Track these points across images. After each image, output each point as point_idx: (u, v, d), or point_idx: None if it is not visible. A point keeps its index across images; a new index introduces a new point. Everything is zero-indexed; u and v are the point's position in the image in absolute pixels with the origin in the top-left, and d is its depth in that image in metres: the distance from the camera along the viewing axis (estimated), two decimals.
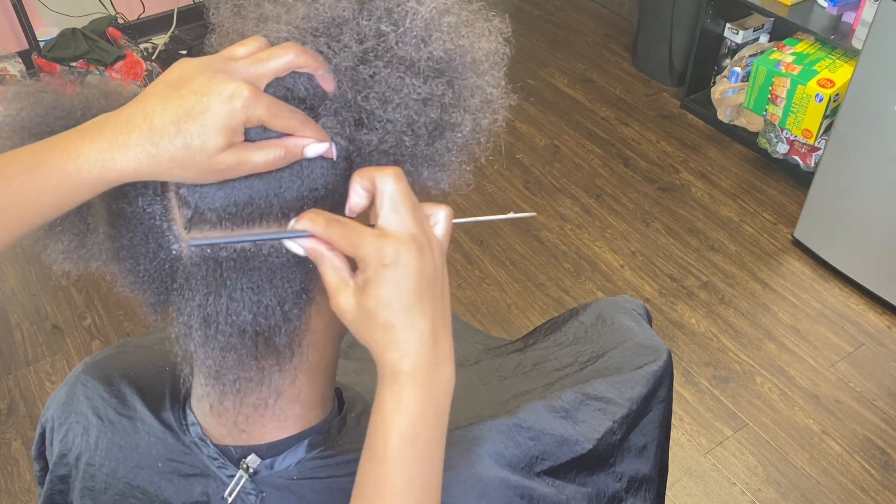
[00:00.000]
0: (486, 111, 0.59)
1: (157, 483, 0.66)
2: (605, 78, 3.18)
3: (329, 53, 0.54)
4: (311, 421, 0.65)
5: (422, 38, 0.54)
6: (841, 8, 2.46)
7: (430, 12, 0.54)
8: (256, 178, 0.53)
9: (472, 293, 2.29)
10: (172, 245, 0.55)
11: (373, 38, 0.54)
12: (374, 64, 0.53)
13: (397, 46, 0.54)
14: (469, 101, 0.57)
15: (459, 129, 0.57)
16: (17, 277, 2.36)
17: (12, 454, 1.90)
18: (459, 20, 0.56)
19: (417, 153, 0.57)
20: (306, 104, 0.54)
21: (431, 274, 0.51)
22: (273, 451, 0.64)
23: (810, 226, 2.36)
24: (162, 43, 3.17)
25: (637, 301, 1.04)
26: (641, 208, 2.58)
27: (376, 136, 0.55)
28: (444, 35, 0.55)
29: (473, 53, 0.56)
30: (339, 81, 0.54)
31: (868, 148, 2.10)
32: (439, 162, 0.59)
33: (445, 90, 0.55)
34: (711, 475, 1.85)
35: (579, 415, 0.78)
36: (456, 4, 0.57)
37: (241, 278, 0.54)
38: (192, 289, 0.55)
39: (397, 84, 0.54)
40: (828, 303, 2.26)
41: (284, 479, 0.64)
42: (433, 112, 0.55)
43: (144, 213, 0.54)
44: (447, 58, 0.55)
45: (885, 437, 1.93)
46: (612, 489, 0.79)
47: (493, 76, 0.58)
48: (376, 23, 0.54)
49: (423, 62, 0.54)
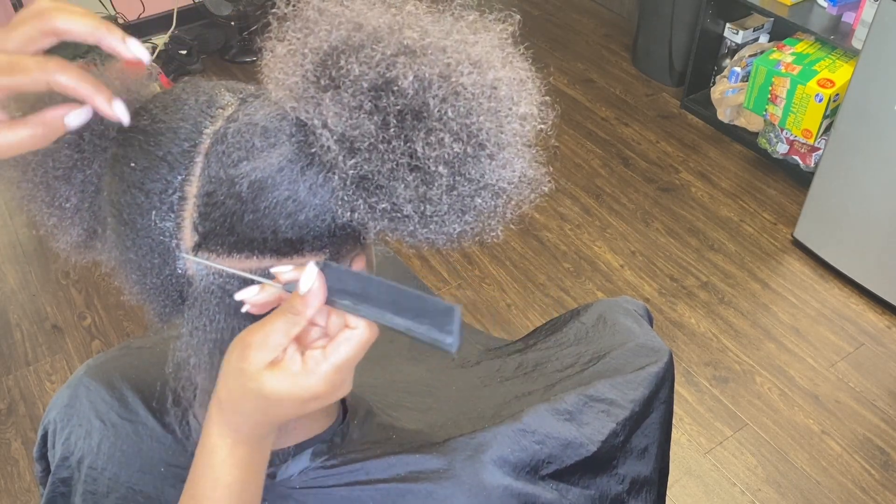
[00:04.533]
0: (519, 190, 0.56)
1: (160, 488, 0.66)
2: (605, 78, 3.18)
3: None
4: (315, 430, 0.65)
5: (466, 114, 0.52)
6: (841, 8, 2.46)
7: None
8: (270, 213, 0.52)
9: (472, 293, 2.29)
10: (178, 264, 0.54)
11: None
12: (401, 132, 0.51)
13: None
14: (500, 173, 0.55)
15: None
16: (17, 277, 2.36)
17: (12, 454, 1.90)
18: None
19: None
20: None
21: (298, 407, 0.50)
22: (277, 460, 0.64)
23: (810, 226, 2.36)
24: (162, 43, 3.17)
25: (638, 302, 1.04)
26: (641, 208, 2.58)
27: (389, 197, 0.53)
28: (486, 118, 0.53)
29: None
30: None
31: (868, 148, 2.10)
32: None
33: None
34: (711, 475, 1.85)
35: (583, 417, 0.78)
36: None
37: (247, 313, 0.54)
38: (201, 314, 0.55)
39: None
40: (827, 303, 2.26)
41: (288, 488, 0.64)
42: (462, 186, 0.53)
43: (155, 228, 0.53)
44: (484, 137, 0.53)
45: (885, 437, 1.93)
46: (614, 491, 0.79)
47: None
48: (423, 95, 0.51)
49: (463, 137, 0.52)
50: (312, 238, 0.53)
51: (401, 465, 0.66)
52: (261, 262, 0.53)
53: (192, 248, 0.53)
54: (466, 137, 0.51)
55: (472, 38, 0.54)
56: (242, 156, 0.52)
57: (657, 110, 3.01)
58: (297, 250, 0.53)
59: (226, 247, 0.53)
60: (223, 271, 0.54)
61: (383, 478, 0.65)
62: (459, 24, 0.55)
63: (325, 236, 0.54)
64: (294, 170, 0.52)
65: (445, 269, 2.36)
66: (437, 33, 0.53)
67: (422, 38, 0.52)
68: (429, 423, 0.74)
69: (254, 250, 0.53)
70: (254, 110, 0.54)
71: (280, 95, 0.53)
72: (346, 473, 0.64)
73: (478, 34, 0.55)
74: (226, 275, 0.54)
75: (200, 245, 0.53)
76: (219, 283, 0.54)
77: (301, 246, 0.53)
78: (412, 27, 0.52)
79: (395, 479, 0.65)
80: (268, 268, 0.53)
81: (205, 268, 0.54)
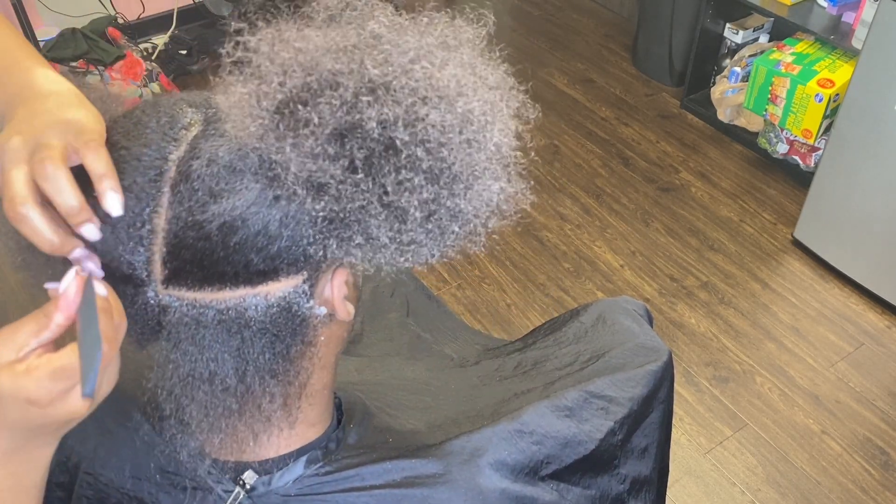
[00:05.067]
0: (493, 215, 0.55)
1: (155, 494, 0.65)
2: (605, 78, 3.18)
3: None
4: (309, 437, 0.64)
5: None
6: (841, 8, 2.46)
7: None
8: (241, 249, 0.51)
9: (472, 293, 2.29)
10: (149, 295, 0.53)
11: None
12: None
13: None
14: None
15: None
16: (17, 277, 2.36)
17: None
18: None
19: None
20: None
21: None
22: (271, 468, 0.63)
23: (810, 226, 2.36)
24: (162, 43, 3.17)
25: (638, 302, 1.03)
26: (641, 208, 2.58)
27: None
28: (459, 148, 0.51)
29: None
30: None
31: (868, 148, 2.10)
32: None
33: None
34: (711, 475, 1.85)
35: (583, 413, 0.78)
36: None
37: (225, 342, 0.53)
38: (175, 346, 0.54)
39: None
40: (828, 303, 2.26)
41: (282, 496, 0.63)
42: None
43: (124, 262, 0.52)
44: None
45: (885, 437, 1.93)
46: (615, 491, 0.79)
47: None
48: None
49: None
50: (287, 265, 0.52)
51: (397, 470, 0.65)
52: (234, 293, 0.52)
53: (161, 281, 0.52)
54: (438, 174, 0.50)
55: (441, 58, 0.52)
56: (208, 198, 0.50)
57: (657, 110, 3.01)
58: (271, 277, 0.53)
59: (196, 281, 0.52)
60: (196, 302, 0.52)
61: (379, 483, 0.64)
62: (427, 39, 0.53)
63: (301, 261, 0.53)
64: (262, 206, 0.51)
65: (445, 269, 2.36)
66: (402, 60, 0.51)
67: (384, 71, 0.50)
68: (427, 423, 0.74)
69: (226, 282, 0.52)
70: (216, 144, 0.52)
71: (241, 136, 0.51)
72: (342, 480, 0.63)
73: (448, 51, 0.53)
74: (199, 306, 0.53)
75: (170, 279, 0.52)
76: (192, 315, 0.53)
77: (276, 273, 0.52)
78: (374, 57, 0.50)
79: (391, 485, 0.64)
80: (242, 296, 0.52)
81: (177, 299, 0.53)
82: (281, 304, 0.54)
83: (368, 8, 0.54)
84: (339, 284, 0.56)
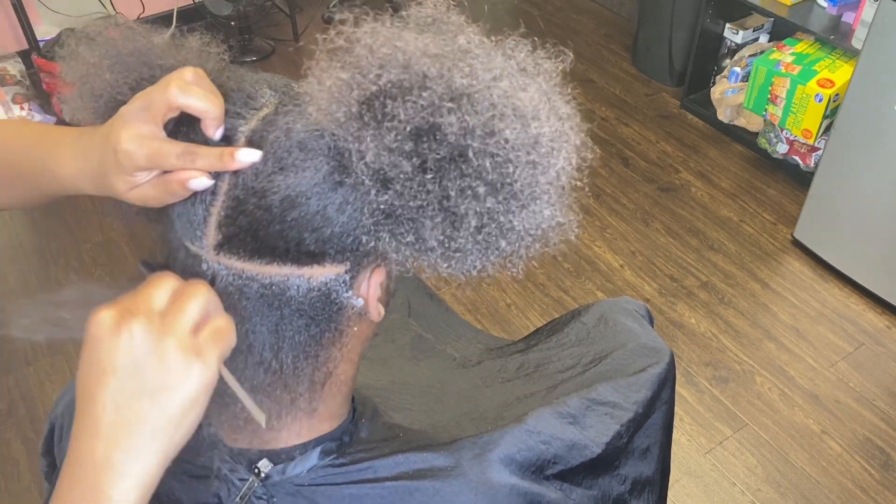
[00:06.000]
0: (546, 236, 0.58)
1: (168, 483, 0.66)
2: (604, 78, 3.18)
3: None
4: (325, 429, 0.65)
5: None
6: (841, 8, 2.46)
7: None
8: (297, 226, 0.53)
9: (472, 293, 2.29)
10: (202, 263, 0.55)
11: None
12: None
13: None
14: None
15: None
16: (17, 277, 2.36)
17: (12, 454, 1.90)
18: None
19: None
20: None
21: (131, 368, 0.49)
22: (285, 457, 0.64)
23: (810, 226, 2.36)
24: None
25: (639, 302, 1.04)
26: (641, 208, 2.58)
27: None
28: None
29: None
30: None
31: (868, 148, 2.10)
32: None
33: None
34: (711, 475, 1.85)
35: (586, 420, 0.79)
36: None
37: (265, 316, 0.55)
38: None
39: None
40: (827, 303, 2.26)
41: (296, 485, 0.64)
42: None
43: (185, 212, 0.55)
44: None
45: (885, 437, 1.93)
46: (616, 492, 0.80)
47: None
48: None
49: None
50: (335, 252, 0.54)
51: (408, 463, 0.66)
52: (280, 269, 0.54)
53: (213, 246, 0.54)
54: (500, 188, 0.52)
55: (521, 83, 0.55)
56: (277, 168, 0.53)
57: (657, 110, 3.01)
58: (317, 261, 0.54)
59: (247, 251, 0.54)
60: (244, 273, 0.54)
61: (391, 476, 0.65)
62: (510, 63, 0.56)
63: (348, 251, 0.55)
64: (326, 187, 0.53)
65: None
66: (486, 76, 0.53)
67: (469, 82, 0.52)
68: (432, 425, 0.75)
69: (275, 257, 0.54)
70: (292, 120, 0.54)
71: (322, 119, 0.53)
72: (355, 472, 0.64)
73: (527, 77, 0.56)
74: (245, 277, 0.54)
75: (222, 245, 0.54)
76: (237, 285, 0.55)
77: (322, 258, 0.54)
78: (461, 68, 0.52)
79: (403, 477, 0.65)
80: (287, 275, 0.54)
81: (225, 268, 0.55)
82: (321, 290, 0.56)
83: (458, 25, 0.57)
84: (375, 284, 0.58)
